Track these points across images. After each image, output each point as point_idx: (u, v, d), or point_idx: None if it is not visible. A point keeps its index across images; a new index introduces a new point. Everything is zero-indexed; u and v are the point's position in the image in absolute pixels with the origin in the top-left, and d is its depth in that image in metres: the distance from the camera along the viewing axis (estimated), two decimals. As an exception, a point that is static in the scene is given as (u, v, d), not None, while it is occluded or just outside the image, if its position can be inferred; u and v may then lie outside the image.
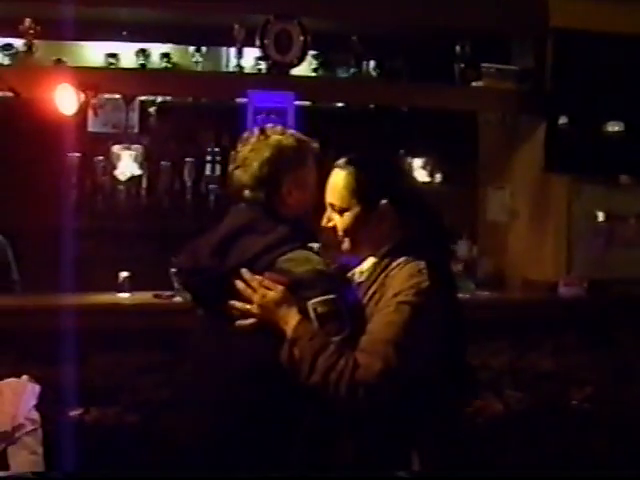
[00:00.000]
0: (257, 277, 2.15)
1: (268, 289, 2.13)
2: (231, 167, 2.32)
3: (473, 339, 4.17)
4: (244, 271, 2.16)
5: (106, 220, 4.64)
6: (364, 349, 2.04)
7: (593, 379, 4.44)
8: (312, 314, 2.10)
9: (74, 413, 3.69)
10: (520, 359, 4.37)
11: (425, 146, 4.87)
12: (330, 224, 2.27)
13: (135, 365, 3.87)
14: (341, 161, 2.28)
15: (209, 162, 4.80)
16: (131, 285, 4.19)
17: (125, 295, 4.15)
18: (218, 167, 4.79)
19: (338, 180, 2.23)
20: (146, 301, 4.06)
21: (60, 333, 3.56)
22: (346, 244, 2.25)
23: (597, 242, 4.76)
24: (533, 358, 4.40)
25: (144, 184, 4.71)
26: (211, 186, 4.79)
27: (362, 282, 2.23)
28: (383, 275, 2.16)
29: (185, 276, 2.48)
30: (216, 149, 4.81)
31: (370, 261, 2.23)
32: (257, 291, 2.14)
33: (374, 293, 2.15)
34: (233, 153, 2.34)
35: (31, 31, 4.14)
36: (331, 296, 2.11)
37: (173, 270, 4.16)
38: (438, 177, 4.91)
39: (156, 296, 4.07)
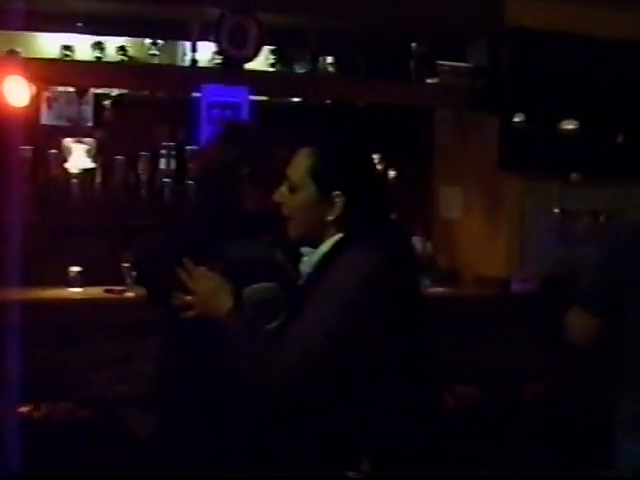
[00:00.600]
0: (199, 267, 2.16)
1: (208, 279, 2.14)
2: None
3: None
4: (186, 261, 2.16)
5: (59, 214, 4.57)
6: (293, 336, 2.02)
7: (544, 375, 4.50)
8: (248, 301, 2.12)
9: (24, 409, 3.64)
10: (472, 354, 4.40)
11: (380, 142, 4.86)
12: (281, 199, 2.21)
13: (86, 360, 3.84)
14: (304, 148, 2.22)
15: (164, 156, 4.74)
16: (82, 280, 4.15)
17: (76, 290, 4.11)
18: (173, 161, 4.74)
19: (300, 158, 2.18)
20: (97, 296, 4.04)
21: (9, 328, 3.53)
22: (292, 228, 2.20)
23: (550, 238, 4.82)
24: (485, 353, 4.44)
25: (98, 178, 4.65)
26: (166, 180, 4.74)
27: (309, 273, 2.19)
28: (328, 266, 2.11)
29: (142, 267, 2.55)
30: (171, 143, 4.75)
31: (319, 252, 2.18)
32: (197, 281, 2.16)
33: (316, 283, 2.11)
34: None
35: (-20, 21, 4.08)
36: (268, 284, 2.14)
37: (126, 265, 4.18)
38: (392, 173, 4.92)
39: (107, 291, 4.05)
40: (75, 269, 4.19)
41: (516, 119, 4.65)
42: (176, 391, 2.38)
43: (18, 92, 3.90)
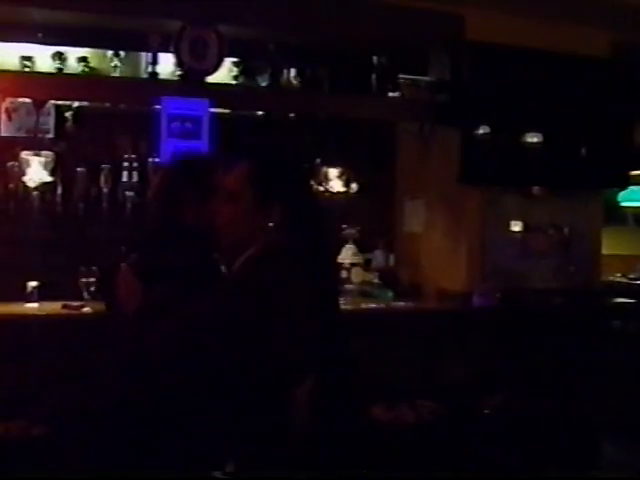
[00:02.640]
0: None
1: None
2: None
3: (387, 348, 4.27)
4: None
5: (17, 227, 4.52)
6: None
7: (505, 388, 4.50)
8: None
9: (-24, 427, 3.60)
10: (433, 368, 4.41)
11: (342, 155, 4.87)
12: (218, 208, 2.32)
13: (42, 376, 3.79)
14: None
15: (126, 169, 4.71)
16: (40, 295, 4.11)
17: (33, 305, 4.06)
18: (135, 174, 4.71)
19: (241, 168, 2.29)
20: (54, 311, 3.99)
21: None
22: (227, 234, 2.31)
23: (511, 252, 4.83)
24: (446, 367, 4.44)
25: (59, 191, 4.61)
26: (128, 193, 4.70)
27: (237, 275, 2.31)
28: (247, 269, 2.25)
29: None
30: (133, 156, 4.72)
31: (247, 254, 2.27)
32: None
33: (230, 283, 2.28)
34: None
35: (-63, 31, 4.04)
36: None
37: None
38: (354, 187, 4.91)
39: (65, 306, 4.00)
40: (33, 284, 4.14)
41: (478, 132, 4.66)
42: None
43: (-26, 104, 3.85)
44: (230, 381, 2.13)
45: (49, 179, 4.43)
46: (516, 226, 4.88)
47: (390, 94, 4.72)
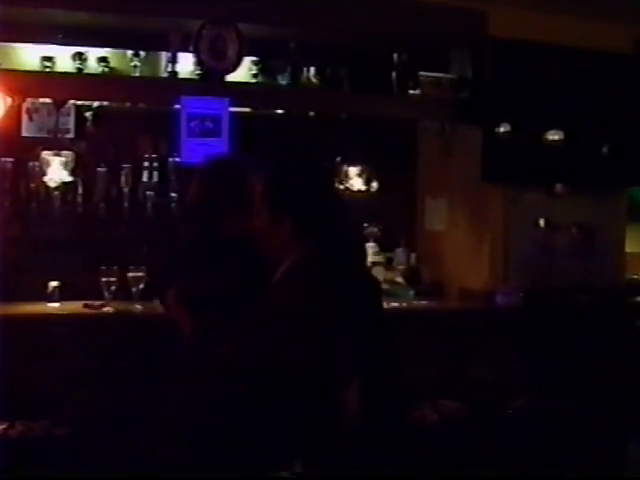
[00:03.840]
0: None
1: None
2: None
3: (409, 347, 4.24)
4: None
5: (39, 227, 4.53)
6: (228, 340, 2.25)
7: (528, 389, 4.46)
8: None
9: (-1, 427, 3.60)
10: (456, 368, 4.37)
11: (363, 154, 4.84)
12: (254, 225, 2.38)
13: (64, 376, 3.79)
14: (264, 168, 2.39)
15: (146, 169, 4.71)
16: (61, 294, 4.11)
17: (55, 305, 4.06)
18: (155, 174, 4.71)
19: (256, 186, 2.36)
20: (76, 311, 3.99)
21: (-15, 343, 3.48)
22: (265, 248, 2.36)
23: (534, 251, 4.79)
24: (469, 367, 4.40)
25: (80, 190, 4.62)
26: (148, 193, 4.70)
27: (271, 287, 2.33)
28: (281, 283, 2.28)
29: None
30: (154, 155, 4.72)
31: (281, 269, 2.31)
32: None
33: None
34: None
35: (-42, 32, 4.05)
36: None
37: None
38: (375, 185, 4.89)
39: (86, 306, 4.00)
40: (54, 283, 4.14)
41: (500, 130, 4.64)
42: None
43: (-3, 104, 3.87)
44: (286, 389, 2.16)
45: (70, 179, 4.43)
46: (539, 224, 4.83)
47: (411, 92, 4.69)
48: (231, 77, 4.38)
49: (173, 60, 4.37)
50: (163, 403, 2.51)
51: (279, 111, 4.79)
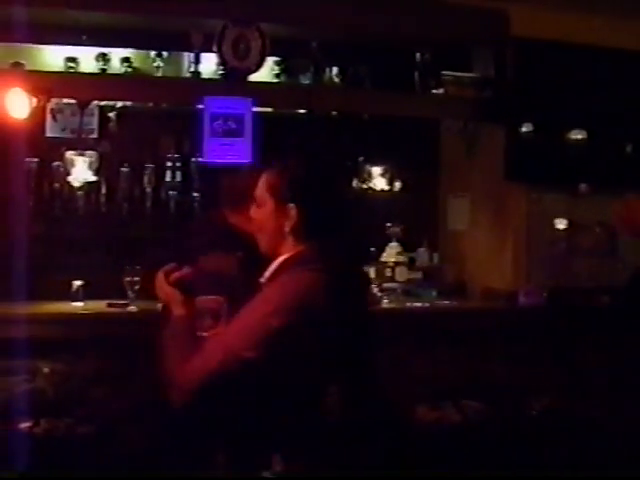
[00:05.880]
0: (159, 276, 2.40)
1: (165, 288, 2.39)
2: None
3: (432, 348, 4.24)
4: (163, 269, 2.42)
5: (62, 227, 4.57)
6: (201, 347, 2.18)
7: (552, 389, 4.44)
8: (197, 309, 2.35)
9: (23, 425, 3.61)
10: (479, 369, 4.36)
11: (385, 154, 4.84)
12: (252, 216, 2.40)
13: (88, 375, 3.81)
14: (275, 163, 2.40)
15: (169, 168, 4.74)
16: (85, 293, 4.13)
17: (79, 304, 4.09)
18: (178, 173, 4.74)
19: (265, 177, 2.36)
20: (100, 310, 4.01)
21: (10, 343, 3.50)
22: (260, 242, 2.36)
23: (557, 251, 4.77)
24: (492, 368, 4.38)
25: (103, 190, 4.64)
26: (171, 192, 4.73)
27: (262, 284, 2.32)
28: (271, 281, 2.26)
29: None
30: (176, 155, 4.75)
31: (272, 266, 2.31)
32: (159, 288, 2.41)
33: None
34: None
35: (-17, 33, 4.09)
36: (216, 297, 2.38)
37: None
38: (398, 185, 4.89)
39: (110, 305, 4.02)
40: (78, 283, 4.17)
41: (523, 129, 4.62)
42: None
43: (18, 104, 3.89)
44: (269, 387, 2.15)
45: (93, 179, 4.47)
46: (562, 224, 4.81)
47: (433, 91, 4.68)
48: (253, 77, 4.39)
49: (196, 60, 4.39)
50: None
51: (301, 111, 4.80)
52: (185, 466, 2.46)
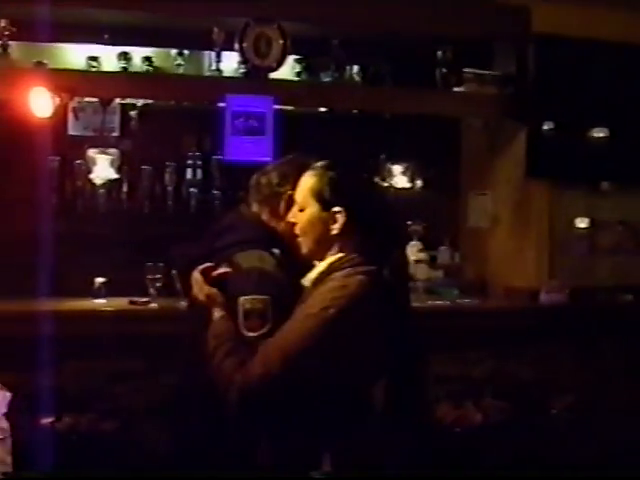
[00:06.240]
0: (196, 276, 2.37)
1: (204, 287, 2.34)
2: None
3: (453, 347, 4.22)
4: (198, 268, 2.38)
5: (84, 224, 4.59)
6: (258, 351, 2.14)
7: (574, 388, 4.42)
8: (240, 309, 2.25)
9: (46, 421, 3.64)
10: (500, 367, 4.35)
11: (406, 151, 4.83)
12: (292, 220, 2.38)
13: (110, 372, 3.84)
14: (315, 164, 2.37)
15: (190, 166, 4.76)
16: (107, 291, 4.15)
17: (101, 301, 4.11)
18: (199, 171, 4.76)
19: (305, 180, 2.34)
20: (122, 307, 4.03)
21: (33, 339, 3.52)
22: (302, 245, 2.34)
23: (579, 249, 4.74)
24: (513, 366, 4.37)
25: (125, 188, 4.67)
26: (192, 190, 4.74)
27: (307, 288, 2.29)
28: (320, 284, 2.23)
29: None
30: (197, 153, 4.77)
31: (318, 268, 2.29)
32: (198, 287, 2.36)
33: (305, 300, 2.22)
34: None
35: (7, 32, 4.11)
36: (262, 297, 2.25)
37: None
38: (419, 183, 4.88)
39: (132, 302, 4.04)
40: (100, 280, 4.19)
41: (545, 127, 4.60)
42: (189, 406, 2.46)
43: (41, 103, 3.92)
44: (315, 388, 2.15)
45: (115, 177, 4.49)
46: (584, 222, 4.78)
47: (455, 89, 4.66)
48: (274, 75, 4.40)
49: (218, 58, 4.39)
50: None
51: (322, 109, 4.81)
52: (221, 464, 2.41)
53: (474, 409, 4.22)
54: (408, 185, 4.83)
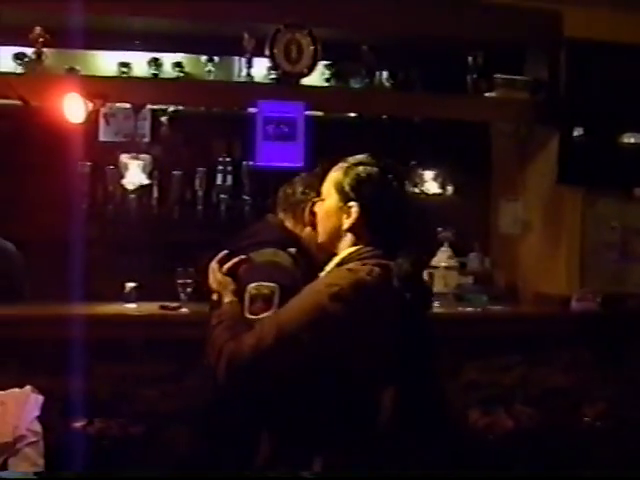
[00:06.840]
0: (212, 264, 2.51)
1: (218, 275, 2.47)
2: None
3: (484, 354, 4.20)
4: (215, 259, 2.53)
5: (116, 229, 4.63)
6: (255, 326, 2.18)
7: (606, 395, 4.37)
8: (247, 294, 2.36)
9: (77, 424, 3.66)
10: (531, 374, 4.31)
11: (437, 157, 4.82)
12: (316, 210, 2.42)
13: (140, 376, 3.85)
14: (349, 158, 2.38)
15: (220, 172, 4.79)
16: (138, 295, 4.17)
17: (131, 306, 4.13)
18: (229, 177, 4.78)
19: (333, 172, 2.37)
20: (152, 312, 4.04)
21: (65, 343, 3.55)
22: (319, 236, 2.39)
23: (611, 255, 4.70)
24: (545, 373, 4.34)
25: (155, 194, 4.70)
26: (222, 196, 4.77)
27: None
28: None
29: None
30: (228, 159, 4.80)
31: (335, 259, 2.31)
32: (212, 275, 2.49)
33: None
34: None
35: (41, 39, 4.15)
36: (270, 284, 2.35)
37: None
38: (450, 189, 4.87)
39: (162, 307, 4.05)
40: (131, 285, 4.21)
41: (576, 133, 4.57)
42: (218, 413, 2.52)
43: (74, 109, 3.95)
44: (319, 386, 2.15)
45: (146, 182, 4.52)
46: (616, 228, 4.74)
47: (486, 94, 4.64)
48: (304, 81, 4.40)
49: (249, 64, 4.40)
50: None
51: (352, 114, 4.81)
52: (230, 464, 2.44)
53: (505, 415, 4.19)
54: (439, 191, 4.83)
